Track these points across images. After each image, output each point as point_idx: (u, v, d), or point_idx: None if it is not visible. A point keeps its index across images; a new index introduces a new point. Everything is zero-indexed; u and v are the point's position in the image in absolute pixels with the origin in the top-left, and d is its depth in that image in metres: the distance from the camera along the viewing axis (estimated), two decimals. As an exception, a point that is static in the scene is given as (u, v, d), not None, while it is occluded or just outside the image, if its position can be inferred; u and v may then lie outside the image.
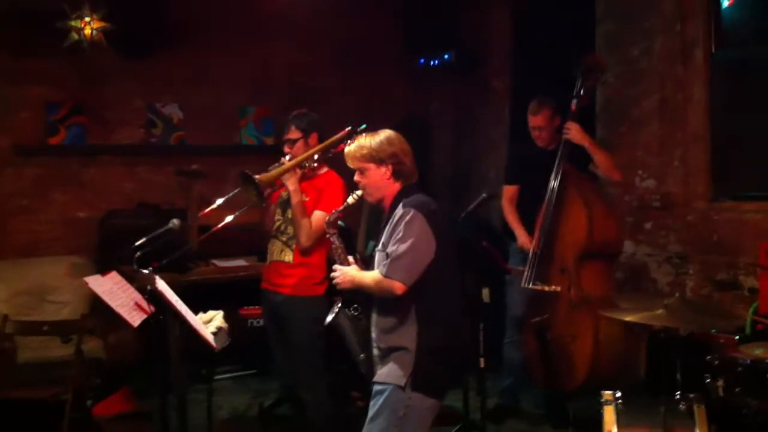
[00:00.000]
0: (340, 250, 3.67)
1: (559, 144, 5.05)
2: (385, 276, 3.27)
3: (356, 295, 3.60)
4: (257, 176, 4.13)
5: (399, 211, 3.34)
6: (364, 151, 3.41)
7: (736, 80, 5.61)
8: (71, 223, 6.40)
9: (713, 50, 5.62)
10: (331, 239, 3.70)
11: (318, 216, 4.27)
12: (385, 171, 3.41)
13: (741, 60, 5.60)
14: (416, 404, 3.27)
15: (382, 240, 3.40)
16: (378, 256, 3.41)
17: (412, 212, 3.28)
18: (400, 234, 3.26)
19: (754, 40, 5.54)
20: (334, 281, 3.53)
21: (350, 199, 3.60)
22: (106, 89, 6.57)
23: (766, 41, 5.44)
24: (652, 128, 5.90)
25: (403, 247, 3.24)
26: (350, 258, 3.64)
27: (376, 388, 3.36)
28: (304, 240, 4.27)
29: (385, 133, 3.46)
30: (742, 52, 5.59)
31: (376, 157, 3.40)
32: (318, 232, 4.28)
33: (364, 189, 3.49)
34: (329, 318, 3.80)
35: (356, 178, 3.49)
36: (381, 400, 3.31)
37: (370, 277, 3.39)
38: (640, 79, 5.97)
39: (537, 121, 5.20)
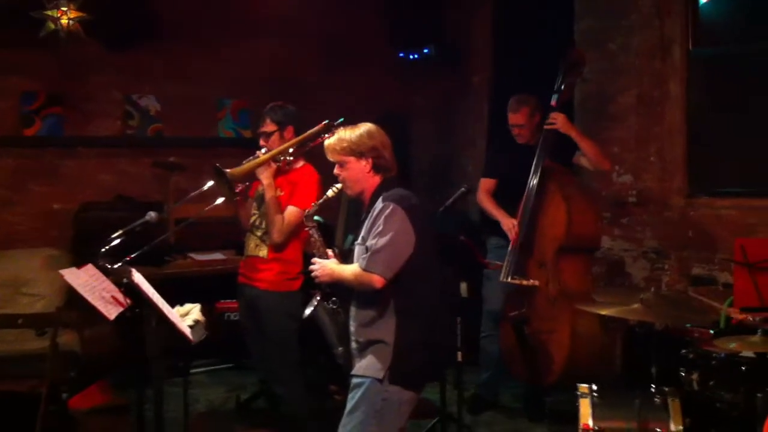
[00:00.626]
0: (318, 243, 3.66)
1: (538, 139, 5.06)
2: (365, 269, 3.27)
3: (335, 288, 3.60)
4: (229, 170, 4.09)
5: (379, 204, 3.33)
6: (344, 144, 3.40)
7: (713, 77, 5.66)
8: (47, 215, 6.33)
9: (691, 47, 5.67)
10: (310, 232, 3.69)
11: (291, 212, 4.24)
12: (365, 164, 3.40)
13: (718, 57, 5.65)
14: (394, 397, 3.28)
15: (362, 234, 3.40)
16: (357, 250, 3.41)
17: (391, 206, 3.28)
18: (380, 228, 3.26)
19: (731, 37, 5.60)
20: (313, 274, 3.52)
21: (329, 192, 3.59)
22: (83, 80, 6.50)
23: (742, 38, 5.49)
24: (629, 124, 5.94)
25: (382, 240, 3.24)
26: (329, 251, 3.63)
27: (355, 381, 3.36)
28: (276, 236, 4.23)
29: (365, 127, 3.46)
30: (719, 50, 5.65)
31: (356, 150, 3.39)
32: (290, 228, 4.25)
33: (343, 182, 3.48)
34: (308, 311, 3.79)
35: (336, 171, 3.48)
36: (359, 393, 3.31)
37: (350, 270, 3.39)
38: (618, 75, 6.01)
39: (517, 118, 5.20)
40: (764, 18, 5.36)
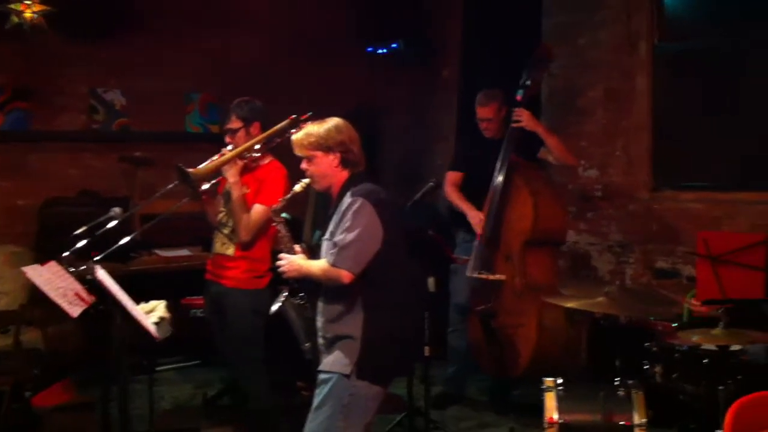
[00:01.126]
0: (286, 239, 3.64)
1: (505, 133, 5.08)
2: (333, 265, 3.26)
3: (303, 283, 3.58)
4: (191, 170, 4.03)
5: (347, 199, 3.32)
6: (312, 139, 3.38)
7: (679, 72, 5.71)
8: (10, 211, 6.23)
9: (656, 42, 5.72)
10: (278, 227, 3.66)
11: (258, 210, 4.19)
12: (333, 159, 3.38)
13: (683, 52, 5.71)
14: (361, 392, 3.27)
15: (330, 229, 3.38)
16: (325, 245, 3.39)
17: (360, 201, 3.27)
18: (348, 223, 3.25)
19: (696, 32, 5.65)
20: (280, 269, 3.50)
21: (297, 187, 3.56)
22: (48, 74, 6.40)
23: (707, 34, 5.55)
24: (596, 118, 5.99)
25: (350, 236, 3.23)
26: (297, 247, 3.62)
27: (322, 376, 3.35)
28: (244, 234, 4.19)
29: (333, 121, 3.43)
30: (684, 45, 5.70)
31: (323, 144, 3.36)
32: (257, 226, 4.20)
33: (311, 177, 3.45)
34: (275, 306, 3.77)
35: (303, 165, 3.45)
36: (326, 388, 3.30)
37: (317, 265, 3.37)
38: (586, 70, 6.05)
39: (485, 112, 5.22)
40: (727, 13, 5.42)
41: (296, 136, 3.44)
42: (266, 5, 6.98)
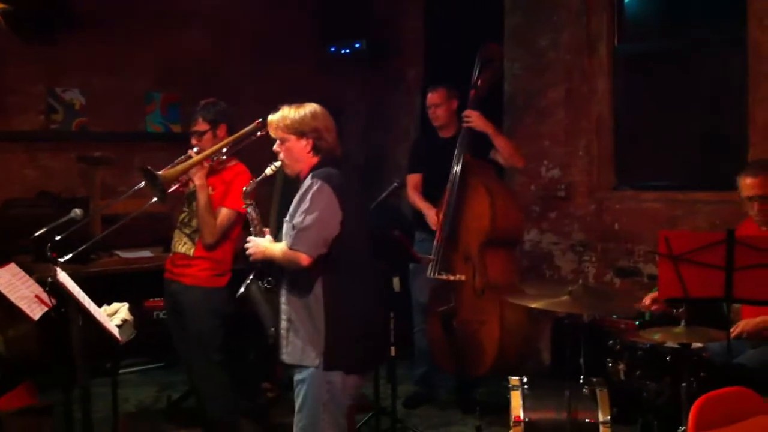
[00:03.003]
0: (256, 221, 3.61)
1: (458, 132, 5.13)
2: (290, 247, 3.25)
3: (269, 267, 3.56)
4: (161, 172, 3.98)
5: (307, 181, 3.32)
6: (287, 122, 3.38)
7: (638, 73, 5.79)
8: (-33, 213, 6.13)
9: (616, 43, 5.79)
10: (247, 210, 3.63)
11: (223, 214, 4.17)
12: (305, 144, 3.38)
13: (642, 53, 5.78)
14: (337, 385, 3.29)
15: (290, 211, 3.37)
16: (285, 227, 3.38)
17: (319, 183, 3.27)
18: (306, 205, 3.25)
19: (655, 33, 5.73)
20: (247, 252, 3.48)
21: (268, 170, 3.54)
22: (4, 73, 6.29)
23: (665, 35, 5.63)
24: (557, 118, 6.03)
25: (309, 218, 3.23)
26: (266, 229, 3.59)
27: (297, 377, 3.35)
28: (208, 237, 4.15)
29: (310, 107, 3.43)
30: (643, 45, 5.78)
31: (297, 129, 3.37)
32: (222, 229, 4.18)
33: (283, 161, 3.45)
34: (241, 290, 3.74)
35: (275, 147, 3.45)
36: (303, 388, 3.32)
37: (279, 248, 3.36)
38: (547, 70, 6.10)
39: (433, 98, 5.27)
40: (684, 14, 5.50)
41: (272, 117, 3.44)
42: (228, 5, 6.94)
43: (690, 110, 5.47)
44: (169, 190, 4.09)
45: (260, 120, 4.09)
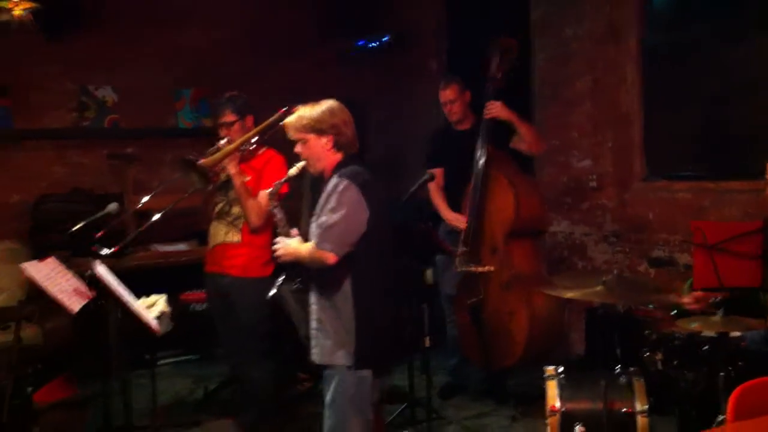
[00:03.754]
0: (282, 222, 3.63)
1: (474, 124, 5.16)
2: (317, 246, 3.26)
3: (298, 267, 3.58)
4: (200, 161, 4.07)
5: (333, 180, 3.32)
6: (305, 122, 3.38)
7: (666, 61, 5.74)
8: (2, 208, 6.21)
9: (643, 33, 5.75)
10: (274, 211, 3.66)
11: (264, 195, 4.22)
12: (325, 142, 3.37)
13: (670, 42, 5.74)
14: (366, 380, 3.30)
15: (316, 210, 3.38)
16: (312, 227, 3.38)
17: (345, 182, 3.27)
18: (332, 204, 3.25)
19: (684, 21, 5.68)
20: (276, 253, 3.49)
21: (292, 171, 3.55)
22: (34, 71, 6.38)
23: (693, 24, 5.58)
24: (585, 109, 6.01)
25: (335, 217, 3.23)
26: (293, 230, 3.61)
27: (327, 373, 3.37)
28: (255, 219, 4.23)
29: (326, 104, 3.43)
30: (671, 35, 5.73)
31: (316, 127, 3.36)
32: (267, 210, 4.24)
33: (306, 160, 3.45)
34: (271, 292, 3.76)
35: (297, 149, 3.44)
36: (333, 384, 3.33)
37: (305, 248, 3.36)
38: (573, 60, 6.07)
39: (447, 95, 5.27)
40: (713, 1, 5.46)
41: (289, 119, 3.44)
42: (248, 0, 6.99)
43: (720, 99, 5.42)
44: (211, 178, 4.17)
45: (285, 108, 4.14)
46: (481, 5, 6.70)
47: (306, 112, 3.40)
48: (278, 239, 3.52)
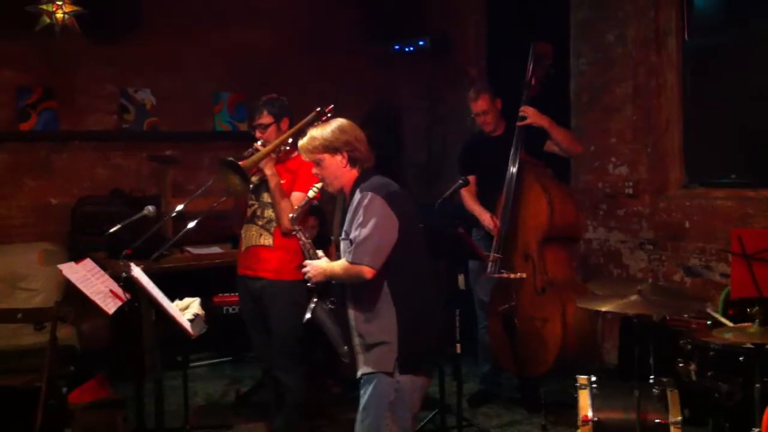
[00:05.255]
0: (308, 245, 3.67)
1: (507, 130, 5.14)
2: (352, 262, 3.26)
3: (330, 287, 3.59)
4: (241, 162, 4.10)
5: (357, 196, 3.33)
6: (317, 143, 3.39)
7: (709, 67, 5.66)
8: (42, 210, 6.31)
9: (686, 37, 5.68)
10: (297, 235, 3.69)
11: (297, 197, 4.24)
12: (340, 159, 3.39)
13: (712, 47, 5.66)
14: (406, 386, 3.30)
15: (344, 227, 3.39)
16: (343, 245, 3.40)
17: (369, 195, 3.28)
18: (361, 218, 3.26)
19: (725, 27, 5.60)
20: (307, 276, 3.51)
21: (311, 193, 3.60)
22: (77, 74, 6.48)
23: (736, 28, 5.50)
24: (625, 114, 5.95)
25: (365, 231, 3.23)
26: (319, 252, 3.63)
27: (366, 377, 3.36)
28: (287, 222, 4.25)
29: (336, 122, 3.45)
30: (713, 39, 5.65)
31: (329, 146, 3.38)
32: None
33: (323, 180, 3.48)
34: (307, 315, 3.76)
35: (313, 170, 3.47)
36: (370, 388, 3.32)
37: (339, 265, 3.38)
38: (614, 65, 6.02)
39: (480, 106, 5.24)
40: (754, 5, 5.37)
41: (301, 142, 3.47)
42: (288, 4, 7.06)
43: (761, 105, 5.33)
44: (253, 180, 4.22)
45: (318, 109, 4.18)
46: (522, 10, 6.67)
47: (317, 132, 3.42)
48: (306, 262, 3.54)
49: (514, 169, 4.99)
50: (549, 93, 5.19)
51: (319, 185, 3.53)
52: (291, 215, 3.77)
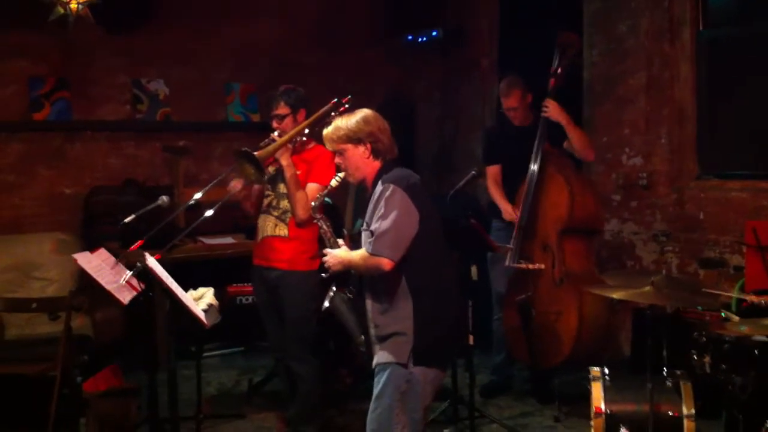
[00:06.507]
0: (328, 234, 3.66)
1: (534, 120, 5.12)
2: (372, 253, 3.27)
3: (349, 276, 3.60)
4: (257, 152, 4.11)
5: (379, 187, 3.34)
6: (341, 133, 3.40)
7: (723, 58, 5.63)
8: (56, 200, 6.33)
9: (700, 28, 5.65)
10: (318, 224, 3.70)
11: (312, 188, 4.27)
12: (363, 150, 3.40)
13: (727, 37, 5.62)
14: (418, 378, 3.30)
15: (366, 219, 3.40)
16: (364, 236, 3.41)
17: (391, 187, 3.28)
18: (382, 210, 3.27)
19: (741, 17, 5.56)
20: (326, 265, 3.52)
21: (333, 182, 3.59)
22: (91, 64, 6.49)
23: (751, 19, 5.46)
24: (638, 106, 5.92)
25: (386, 223, 3.24)
26: (339, 241, 3.64)
27: (380, 367, 3.37)
28: (301, 212, 4.26)
29: (361, 113, 3.45)
30: (728, 30, 5.62)
31: (353, 137, 3.39)
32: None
33: (345, 170, 3.48)
34: (326, 304, 3.77)
35: (336, 160, 3.48)
36: (383, 377, 3.33)
37: (358, 255, 3.38)
38: (627, 56, 5.99)
39: (510, 102, 5.23)
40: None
41: (326, 131, 3.47)
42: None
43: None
44: (269, 170, 4.23)
45: (335, 100, 4.18)
46: (535, 1, 6.64)
47: (341, 122, 3.42)
48: (326, 251, 3.54)
49: (536, 160, 5.00)
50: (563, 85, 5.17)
51: (341, 175, 3.52)
52: (313, 203, 3.76)
